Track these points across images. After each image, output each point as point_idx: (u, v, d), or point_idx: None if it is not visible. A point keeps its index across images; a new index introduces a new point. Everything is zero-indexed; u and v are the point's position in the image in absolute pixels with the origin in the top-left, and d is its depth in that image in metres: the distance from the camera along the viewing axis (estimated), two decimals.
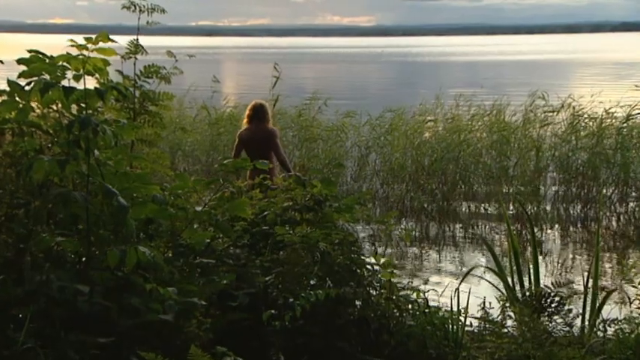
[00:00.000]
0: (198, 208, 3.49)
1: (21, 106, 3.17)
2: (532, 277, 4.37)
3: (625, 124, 10.37)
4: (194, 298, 2.98)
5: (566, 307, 3.66)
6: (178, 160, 11.98)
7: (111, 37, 3.15)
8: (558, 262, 7.78)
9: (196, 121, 12.47)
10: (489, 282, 4.77)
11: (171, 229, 3.41)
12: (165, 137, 10.86)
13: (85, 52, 3.10)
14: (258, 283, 3.64)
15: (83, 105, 3.08)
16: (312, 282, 3.76)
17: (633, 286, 3.93)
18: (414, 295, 4.03)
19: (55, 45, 3.96)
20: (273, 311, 3.43)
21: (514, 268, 4.45)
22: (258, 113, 7.60)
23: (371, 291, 3.90)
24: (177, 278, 3.14)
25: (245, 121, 7.72)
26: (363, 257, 4.09)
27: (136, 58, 4.20)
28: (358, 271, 3.94)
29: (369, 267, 4.01)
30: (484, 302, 4.03)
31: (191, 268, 3.40)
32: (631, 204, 9.98)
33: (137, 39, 4.20)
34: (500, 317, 3.85)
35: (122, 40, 3.82)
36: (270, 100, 11.98)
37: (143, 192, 3.16)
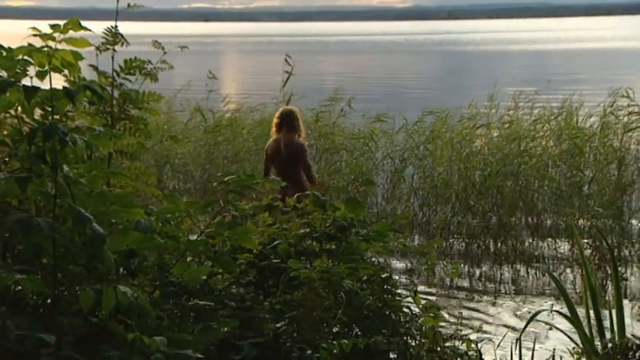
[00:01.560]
0: (193, 237, 3.50)
1: None
2: (615, 325, 4.33)
3: None
4: (187, 350, 2.98)
5: None
6: (167, 177, 12.05)
7: (83, 24, 3.19)
8: None
9: (189, 128, 12.57)
10: (560, 330, 4.73)
11: (159, 263, 3.42)
12: (151, 148, 10.95)
13: (51, 43, 3.13)
14: (268, 330, 3.64)
15: (49, 109, 3.11)
16: (334, 329, 3.76)
17: None
18: (464, 347, 4.01)
19: (12, 34, 4.01)
20: None
21: (591, 312, 4.42)
22: (287, 121, 8.22)
23: (409, 341, 3.89)
24: (167, 325, 3.15)
25: (273, 130, 8.38)
26: (398, 298, 4.08)
27: (114, 50, 4.24)
28: (393, 315, 3.93)
29: (406, 310, 4.00)
30: (553, 356, 4.00)
31: (184, 313, 3.40)
32: None
33: (116, 26, 4.24)
34: None
35: (97, 28, 3.86)
36: (280, 101, 12.09)
37: (124, 217, 3.18)
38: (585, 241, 9.43)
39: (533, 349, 4.26)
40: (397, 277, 8.09)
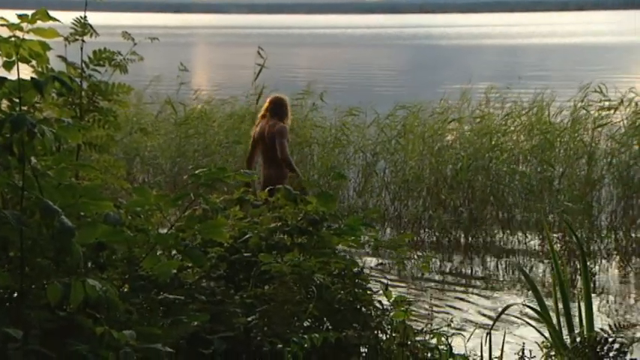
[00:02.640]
0: (163, 231, 3.49)
1: None
2: (584, 319, 4.38)
3: None
4: (157, 344, 2.98)
5: (629, 357, 3.67)
6: (137, 170, 11.98)
7: (51, 14, 3.16)
8: (616, 300, 7.79)
9: (159, 121, 12.50)
10: (529, 324, 4.78)
11: (129, 256, 3.41)
12: (121, 140, 10.88)
13: (18, 34, 3.11)
14: (238, 324, 3.64)
15: (16, 100, 3.09)
16: (305, 323, 3.77)
17: None
18: (434, 341, 4.03)
19: None
20: None
21: (561, 306, 4.46)
22: (275, 108, 8.51)
23: (380, 335, 3.91)
24: (136, 319, 3.14)
25: (260, 115, 8.73)
26: (369, 292, 4.10)
27: (83, 41, 4.21)
28: (364, 309, 3.95)
29: (377, 305, 4.02)
30: (523, 350, 4.04)
31: (153, 306, 3.40)
32: None
33: (85, 16, 4.21)
34: None
35: (66, 19, 3.83)
36: (252, 94, 12.07)
37: (92, 210, 3.16)
38: (555, 235, 9.52)
39: (503, 343, 4.29)
40: (368, 271, 8.13)
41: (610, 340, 3.58)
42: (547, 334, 4.41)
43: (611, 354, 3.56)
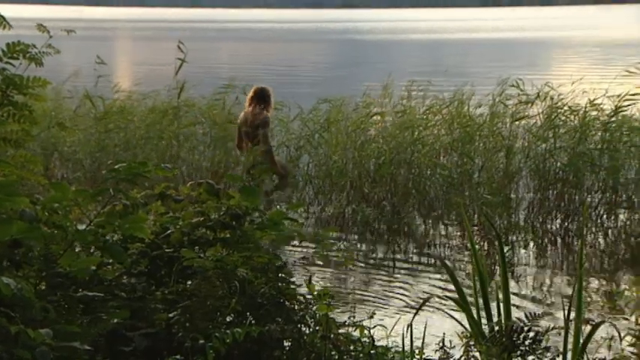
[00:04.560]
0: (81, 227, 3.43)
1: None
2: (502, 308, 4.48)
3: (613, 119, 10.71)
4: (75, 342, 2.93)
5: (544, 345, 3.76)
6: (55, 165, 11.75)
7: None
8: (533, 289, 7.99)
9: (78, 115, 12.27)
10: (449, 315, 4.85)
11: (46, 253, 3.35)
12: (37, 135, 10.65)
13: None
14: (160, 321, 3.61)
15: None
16: (228, 318, 3.76)
17: (624, 318, 4.09)
18: (357, 333, 4.07)
19: None
20: (178, 357, 3.41)
21: (480, 296, 4.55)
22: (259, 97, 9.73)
23: (303, 328, 3.92)
24: (53, 317, 3.09)
25: (246, 104, 9.87)
26: (293, 286, 4.10)
27: None
28: (287, 303, 3.96)
29: (300, 298, 4.03)
30: (443, 340, 4.11)
31: (71, 304, 3.34)
32: (621, 216, 10.31)
33: None
34: (463, 358, 3.92)
35: None
36: (174, 89, 11.94)
37: (8, 206, 3.10)
38: (475, 227, 9.70)
39: (424, 334, 4.36)
40: (292, 265, 8.15)
41: (526, 329, 3.67)
42: (467, 325, 4.49)
43: (526, 342, 3.65)
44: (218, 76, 18.49)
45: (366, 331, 4.12)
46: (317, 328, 3.93)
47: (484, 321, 4.47)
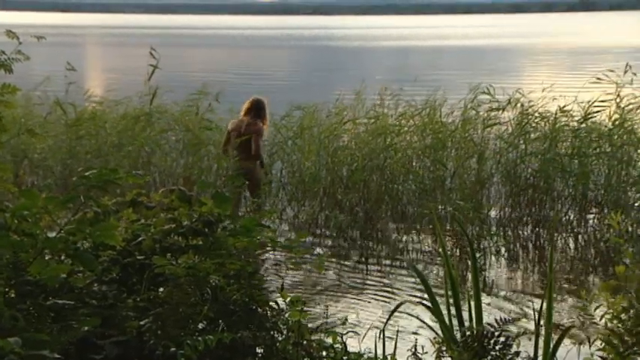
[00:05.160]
0: (52, 234, 3.40)
1: None
2: (473, 313, 4.50)
3: (583, 125, 10.82)
4: (45, 351, 2.90)
5: (514, 350, 3.78)
6: (24, 172, 11.64)
7: None
8: (505, 294, 8.03)
9: (48, 122, 12.18)
10: (422, 321, 4.87)
11: (15, 261, 3.32)
12: (7, 142, 10.54)
13: None
14: (131, 328, 3.59)
15: None
16: (200, 326, 3.74)
17: (594, 323, 4.13)
18: (330, 340, 4.06)
19: None
20: None
21: (451, 302, 4.57)
22: (256, 108, 10.22)
23: (275, 335, 3.91)
24: (22, 325, 3.06)
25: (242, 113, 10.31)
26: (265, 293, 4.10)
27: None
28: (259, 310, 3.95)
29: (273, 305, 4.02)
30: (415, 346, 4.12)
31: (41, 312, 3.31)
32: (591, 221, 10.41)
33: None
34: None
35: None
36: (146, 95, 11.88)
37: None
38: (447, 233, 9.75)
39: (397, 340, 4.37)
40: (265, 272, 8.14)
41: (496, 334, 3.69)
42: (439, 331, 4.51)
43: (497, 347, 3.67)
44: (190, 82, 18.43)
45: (338, 338, 4.12)
46: (289, 334, 3.93)
47: (456, 326, 4.49)
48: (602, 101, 10.91)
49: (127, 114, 12.07)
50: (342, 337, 4.16)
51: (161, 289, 3.87)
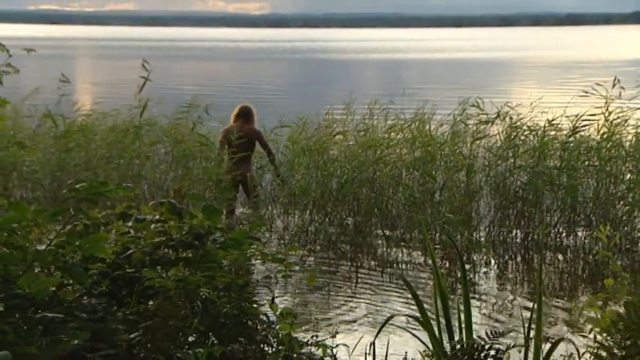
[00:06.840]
0: (41, 247, 3.39)
1: None
2: (463, 326, 4.49)
3: (571, 138, 10.86)
4: None
5: None
6: (13, 185, 11.60)
7: None
8: (494, 307, 8.03)
9: (38, 134, 12.14)
10: (411, 333, 4.86)
11: (4, 274, 3.30)
12: None
13: None
14: (121, 341, 3.57)
15: None
16: (190, 339, 3.73)
17: (583, 335, 4.12)
18: (320, 352, 4.06)
19: None
20: None
21: (441, 314, 4.57)
22: (245, 114, 10.85)
23: (266, 348, 3.91)
24: (12, 339, 3.04)
25: (231, 120, 10.88)
26: (256, 306, 4.09)
27: None
28: (250, 323, 3.94)
29: (263, 318, 4.02)
30: (405, 358, 4.11)
31: (30, 325, 3.29)
32: (579, 234, 10.43)
33: None
34: None
35: None
36: (136, 107, 11.86)
37: None
38: (437, 246, 9.75)
39: (387, 353, 4.36)
40: (255, 285, 8.12)
41: (487, 346, 3.69)
42: (429, 343, 4.51)
43: None
44: (180, 94, 18.42)
45: (328, 351, 4.12)
46: (280, 347, 3.92)
47: (446, 339, 4.49)
48: (591, 115, 10.95)
49: (116, 126, 12.04)
50: (332, 350, 4.16)
51: (151, 302, 3.86)
